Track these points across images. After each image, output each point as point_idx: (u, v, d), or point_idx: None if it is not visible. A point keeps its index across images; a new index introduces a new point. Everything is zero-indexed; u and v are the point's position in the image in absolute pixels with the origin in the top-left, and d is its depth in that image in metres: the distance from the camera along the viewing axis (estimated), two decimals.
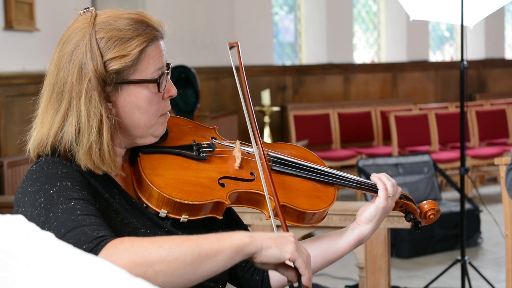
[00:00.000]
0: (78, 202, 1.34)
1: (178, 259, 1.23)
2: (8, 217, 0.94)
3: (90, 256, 0.89)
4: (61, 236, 1.27)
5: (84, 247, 1.24)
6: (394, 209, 1.73)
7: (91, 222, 1.30)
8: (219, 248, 1.26)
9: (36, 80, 1.56)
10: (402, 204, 1.74)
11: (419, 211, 1.76)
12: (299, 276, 1.36)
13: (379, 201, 1.65)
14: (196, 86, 7.29)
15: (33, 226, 0.96)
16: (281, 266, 1.37)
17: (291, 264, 1.35)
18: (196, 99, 7.30)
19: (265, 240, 1.31)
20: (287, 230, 1.45)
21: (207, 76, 8.56)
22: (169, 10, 7.97)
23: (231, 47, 1.66)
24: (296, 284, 1.39)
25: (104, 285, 0.82)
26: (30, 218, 1.34)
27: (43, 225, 1.32)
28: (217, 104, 9.04)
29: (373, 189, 1.68)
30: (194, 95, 7.29)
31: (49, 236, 0.94)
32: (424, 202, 1.77)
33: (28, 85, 5.41)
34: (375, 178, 1.68)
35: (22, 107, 5.35)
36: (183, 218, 1.48)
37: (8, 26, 5.41)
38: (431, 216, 1.75)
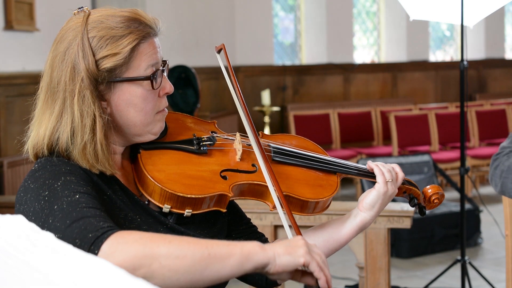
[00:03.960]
0: (82, 196, 1.33)
1: (186, 256, 1.22)
2: (8, 217, 0.95)
3: (90, 256, 0.89)
4: (67, 226, 1.27)
5: (90, 235, 1.23)
6: (398, 195, 1.73)
7: (96, 214, 1.29)
8: (229, 252, 1.26)
9: (36, 80, 1.56)
10: (406, 190, 1.75)
11: (422, 196, 1.76)
12: (316, 280, 1.33)
13: (379, 187, 1.66)
14: (196, 86, 7.29)
15: (33, 226, 0.96)
16: (296, 274, 1.36)
17: (307, 269, 1.33)
18: (196, 99, 7.30)
19: (276, 248, 1.30)
20: (293, 219, 1.45)
21: (207, 76, 8.56)
22: (169, 10, 7.97)
23: (218, 51, 1.66)
24: None
25: (104, 285, 0.82)
26: (33, 213, 1.34)
27: (47, 218, 1.30)
28: (217, 104, 9.04)
29: (373, 176, 1.69)
30: (194, 95, 7.29)
31: (49, 236, 0.94)
32: (428, 186, 1.77)
33: (28, 85, 5.41)
34: (372, 165, 1.70)
35: (22, 107, 5.35)
36: (187, 212, 1.47)
37: (8, 26, 5.42)
38: (435, 201, 1.75)
